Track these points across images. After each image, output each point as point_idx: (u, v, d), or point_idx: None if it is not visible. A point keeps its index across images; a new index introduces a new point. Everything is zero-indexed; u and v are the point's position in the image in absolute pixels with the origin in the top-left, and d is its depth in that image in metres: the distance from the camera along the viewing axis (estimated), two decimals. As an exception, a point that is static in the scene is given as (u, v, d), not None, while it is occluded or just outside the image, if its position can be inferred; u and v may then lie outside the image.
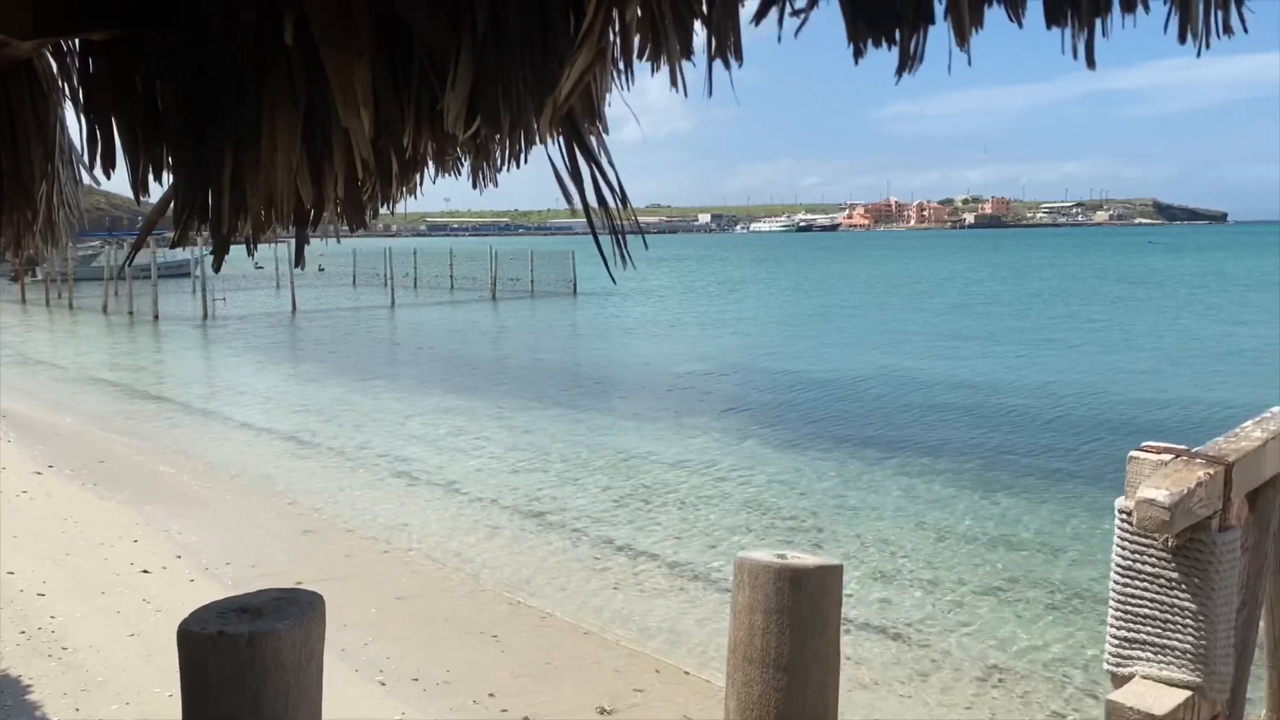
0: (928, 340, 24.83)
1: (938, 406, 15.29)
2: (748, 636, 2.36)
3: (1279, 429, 2.77)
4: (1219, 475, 2.44)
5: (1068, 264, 71.48)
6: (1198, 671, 2.46)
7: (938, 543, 8.71)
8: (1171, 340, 23.93)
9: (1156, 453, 2.58)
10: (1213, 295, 39.38)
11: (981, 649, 6.55)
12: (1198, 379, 17.57)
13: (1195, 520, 2.40)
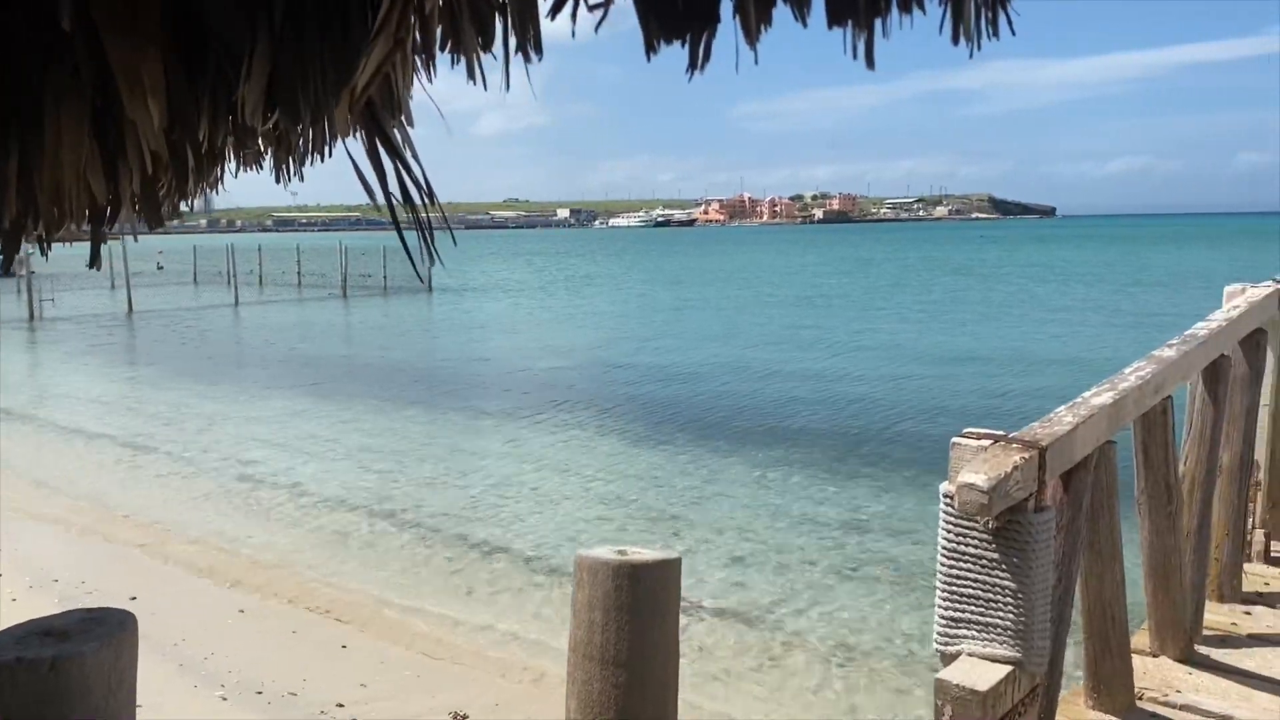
0: (777, 332, 25.45)
1: (788, 397, 15.68)
2: (587, 634, 2.35)
3: (1089, 413, 2.93)
4: (1033, 459, 2.56)
5: (908, 258, 74.41)
6: (1018, 647, 2.57)
7: (789, 529, 8.92)
8: (1000, 329, 25.20)
9: (977, 439, 2.69)
10: (1037, 285, 41.66)
11: (831, 630, 6.75)
12: (1026, 366, 18.56)
13: (1013, 502, 2.51)
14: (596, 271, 61.78)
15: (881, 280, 47.90)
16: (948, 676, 2.52)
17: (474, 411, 14.80)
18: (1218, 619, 4.19)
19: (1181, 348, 3.72)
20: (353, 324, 29.79)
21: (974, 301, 34.10)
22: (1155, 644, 3.84)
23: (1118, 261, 60.56)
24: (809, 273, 56.04)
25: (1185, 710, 3.43)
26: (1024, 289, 39.98)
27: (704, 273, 57.98)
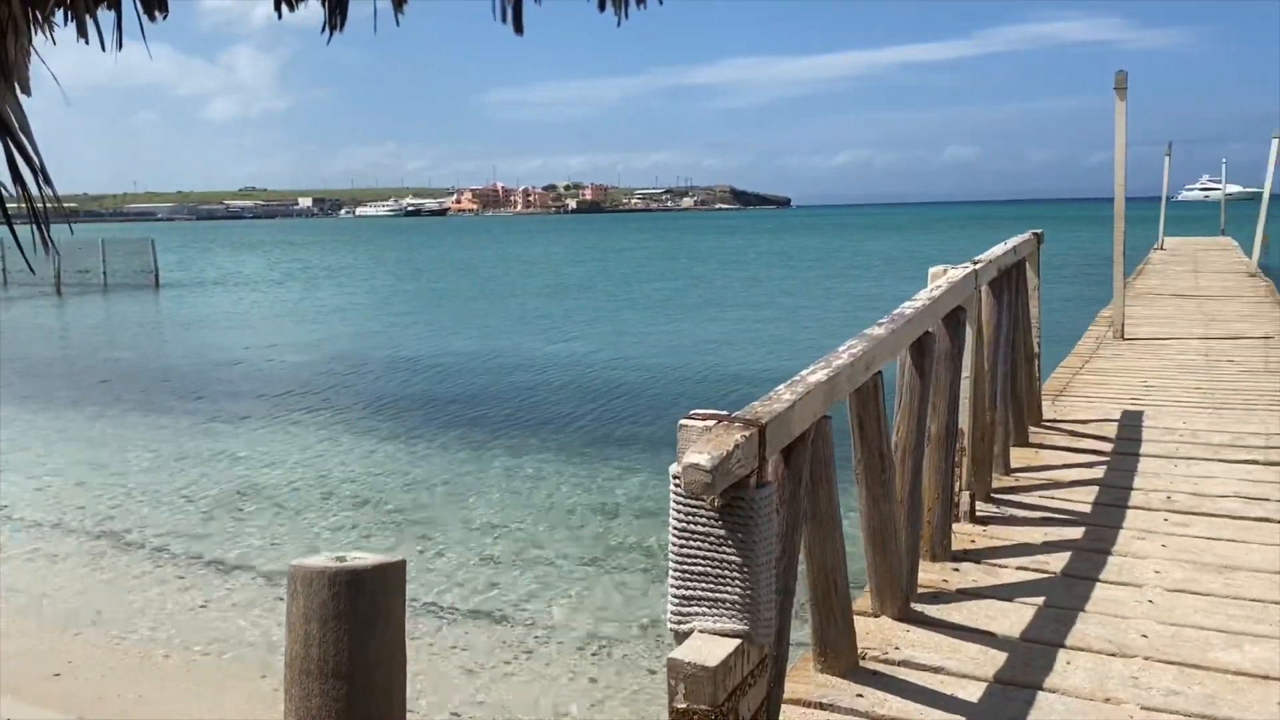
0: (526, 322, 25.47)
1: (538, 386, 15.71)
2: (304, 648, 2.19)
3: (806, 390, 3.04)
4: (754, 436, 2.62)
5: (655, 246, 76.44)
6: (745, 620, 2.63)
7: (542, 519, 8.91)
8: (739, 313, 26.37)
9: (703, 419, 2.73)
10: (772, 270, 43.93)
11: (583, 619, 6.78)
12: (761, 347, 19.51)
13: (735, 479, 2.56)
14: (341, 263, 59.49)
15: (628, 268, 48.94)
16: (679, 655, 2.55)
17: (205, 415, 13.86)
18: (931, 577, 4.52)
19: (890, 326, 3.96)
20: (68, 325, 27.19)
21: (715, 287, 35.49)
22: (876, 605, 4.08)
23: (844, 247, 64.80)
24: (560, 262, 56.46)
25: (903, 666, 3.67)
26: (760, 274, 42.00)
27: (455, 263, 57.14)
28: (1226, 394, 8.55)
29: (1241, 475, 6.16)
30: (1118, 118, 11.36)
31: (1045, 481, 6.16)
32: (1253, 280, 19.04)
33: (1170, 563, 4.72)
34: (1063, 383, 9.25)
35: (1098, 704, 3.37)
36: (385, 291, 37.71)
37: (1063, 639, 3.87)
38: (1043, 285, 8.10)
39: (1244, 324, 12.92)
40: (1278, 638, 3.87)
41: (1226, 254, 26.55)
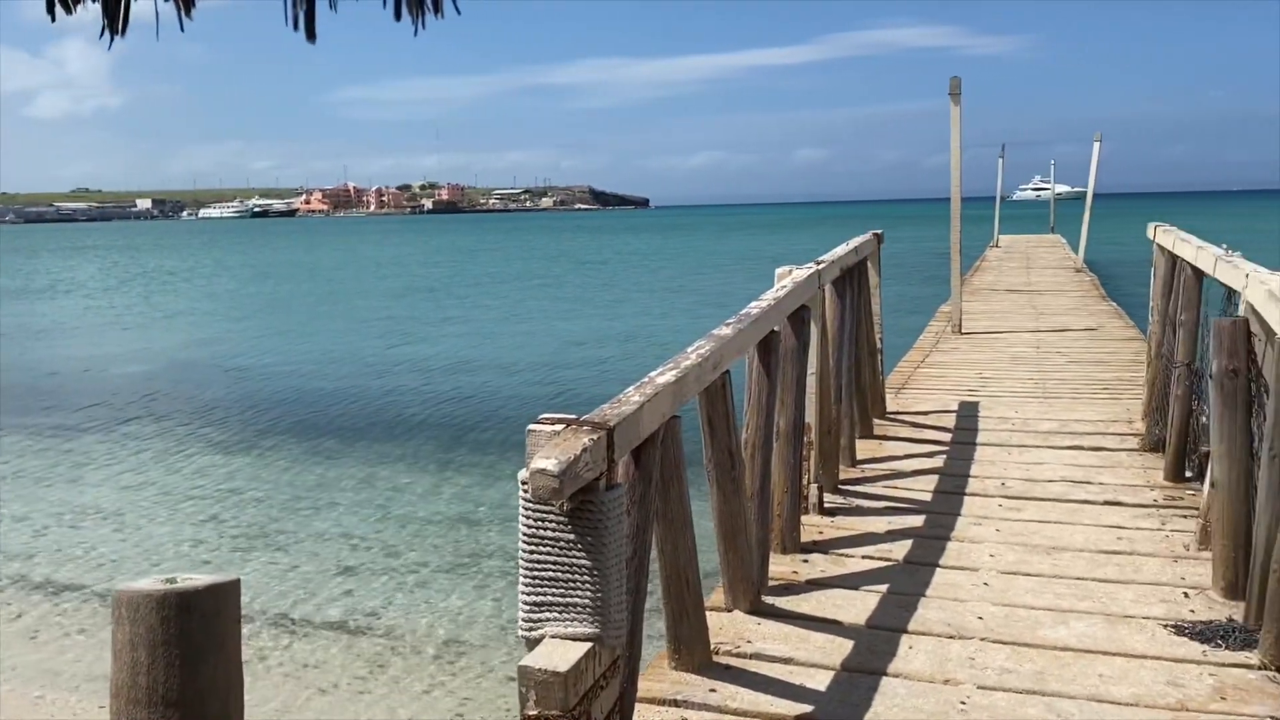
0: (380, 325, 24.93)
1: (392, 391, 15.39)
2: (131, 676, 2.08)
3: (654, 392, 3.07)
4: (602, 439, 2.63)
5: (512, 247, 75.97)
6: (597, 623, 2.64)
7: (400, 528, 8.73)
8: (599, 313, 26.49)
9: (551, 424, 2.73)
10: (631, 270, 44.28)
11: (443, 627, 6.68)
12: (621, 346, 19.64)
13: (584, 483, 2.56)
14: (183, 266, 56.88)
15: (485, 269, 48.47)
16: (530, 661, 2.54)
17: (36, 430, 13.02)
18: (781, 569, 4.64)
19: (737, 326, 4.04)
20: (-127, 337, 25.10)
21: (572, 287, 35.52)
22: (729, 600, 4.16)
23: (700, 247, 65.82)
24: (414, 263, 55.46)
25: (755, 658, 3.75)
26: (618, 274, 42.27)
27: (303, 266, 55.39)
28: (1055, 384, 9.07)
29: (1068, 460, 6.54)
30: (953, 122, 11.91)
31: (889, 472, 6.41)
32: (1079, 275, 20.26)
33: (1004, 546, 4.98)
34: (905, 376, 9.63)
35: (937, 685, 3.52)
36: (229, 296, 36.25)
37: (905, 624, 4.04)
38: (886, 282, 8.43)
39: (1070, 317, 13.74)
40: (1099, 613, 4.13)
41: (1056, 250, 28.18)
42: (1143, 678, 3.54)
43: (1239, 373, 4.45)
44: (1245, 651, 3.72)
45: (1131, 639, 3.87)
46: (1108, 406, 8.02)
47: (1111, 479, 6.10)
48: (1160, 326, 6.91)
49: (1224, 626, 3.91)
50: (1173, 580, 4.49)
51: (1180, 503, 5.59)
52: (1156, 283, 7.22)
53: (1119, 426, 7.35)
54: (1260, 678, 3.52)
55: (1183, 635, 3.90)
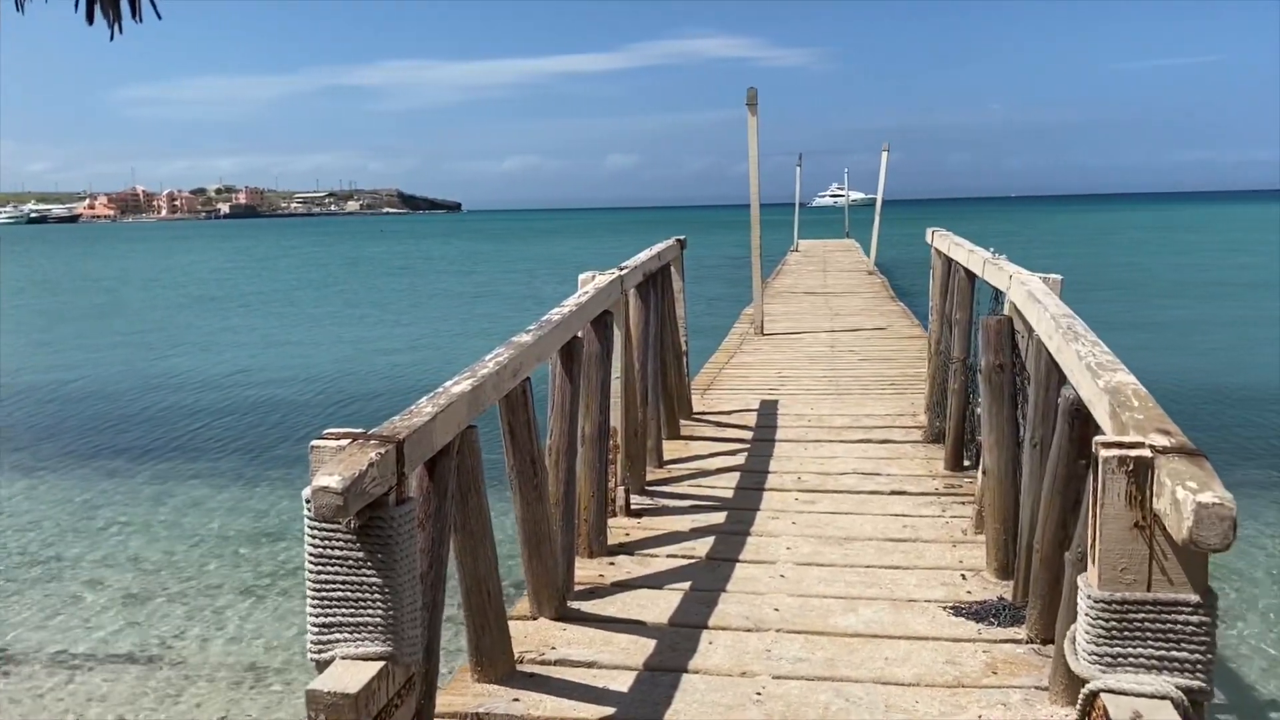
0: (167, 336, 23.58)
1: (184, 406, 14.56)
2: None
3: (449, 402, 3.02)
4: (390, 453, 2.57)
5: (316, 250, 73.44)
6: (389, 641, 2.58)
7: (193, 549, 8.26)
8: (408, 320, 25.94)
9: (336, 438, 2.64)
10: (437, 275, 43.59)
11: (240, 651, 6.36)
12: (430, 355, 19.30)
13: (372, 499, 2.49)
14: (-53, 277, 51.97)
15: (284, 275, 46.62)
16: (318, 685, 2.45)
17: None
18: (588, 574, 4.66)
19: (537, 332, 4.04)
20: None
21: (379, 293, 34.64)
22: (534, 608, 4.15)
23: (511, 251, 65.52)
24: (208, 270, 52.71)
25: (559, 664, 3.75)
26: (426, 280, 41.50)
27: (84, 274, 51.68)
28: (848, 381, 9.52)
29: (859, 454, 6.88)
30: (750, 131, 12.31)
31: (695, 471, 6.56)
32: (871, 277, 21.36)
33: (799, 538, 5.18)
34: (711, 377, 9.88)
35: (734, 679, 3.63)
36: (6, 309, 33.37)
37: (706, 620, 4.14)
38: (694, 286, 8.63)
39: (863, 317, 14.46)
40: (885, 599, 4.36)
41: (850, 254, 29.62)
42: (924, 658, 3.76)
43: (1005, 367, 4.80)
44: (1015, 628, 4.00)
45: (914, 622, 4.10)
46: (895, 401, 8.48)
47: (898, 470, 6.45)
48: (939, 325, 7.36)
49: (995, 605, 4.20)
50: (952, 564, 4.79)
51: (959, 490, 5.97)
52: (935, 284, 7.69)
53: (905, 420, 7.78)
54: (1027, 651, 3.80)
55: (960, 616, 4.16)
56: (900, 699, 3.45)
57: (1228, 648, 5.68)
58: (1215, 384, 13.83)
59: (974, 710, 3.35)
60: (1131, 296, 25.76)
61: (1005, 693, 3.47)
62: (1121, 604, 2.40)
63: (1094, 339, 3.52)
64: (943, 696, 3.46)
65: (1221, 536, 2.14)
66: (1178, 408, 10.86)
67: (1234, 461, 9.55)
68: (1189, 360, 15.98)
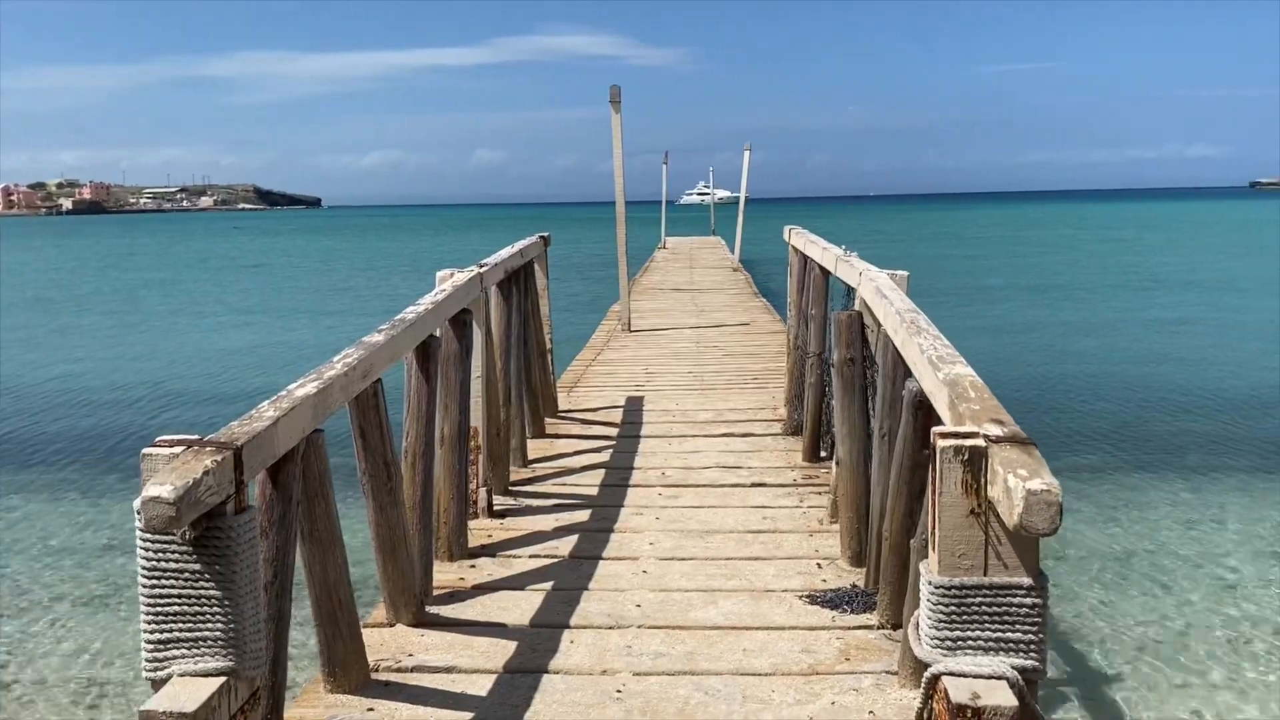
0: (16, 337, 22.19)
1: (19, 412, 13.72)
2: None
3: (292, 406, 2.91)
4: (228, 460, 2.46)
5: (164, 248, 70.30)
6: (231, 656, 2.47)
7: (30, 562, 7.79)
8: (257, 320, 25.08)
9: (169, 446, 2.51)
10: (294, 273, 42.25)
11: (80, 667, 6.02)
12: (281, 355, 18.70)
13: (207, 508, 2.38)
14: None
15: (126, 275, 44.42)
16: (153, 705, 2.33)
17: None
18: (447, 577, 4.58)
19: (390, 332, 3.94)
20: None
21: (227, 292, 33.37)
22: (391, 614, 4.05)
23: (372, 249, 64.08)
24: (37, 269, 49.77)
25: (416, 671, 3.67)
26: (280, 278, 40.21)
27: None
28: (712, 376, 9.65)
29: (721, 448, 6.98)
30: (614, 128, 12.35)
31: (560, 469, 6.53)
32: (735, 274, 21.72)
33: (662, 533, 5.22)
34: (578, 375, 9.87)
35: (595, 677, 3.62)
36: None
37: (568, 620, 4.12)
38: (564, 283, 8.61)
39: (727, 313, 14.70)
40: (744, 590, 4.43)
41: (716, 251, 30.08)
42: (781, 648, 3.83)
43: (855, 361, 4.93)
44: (867, 614, 4.12)
45: (772, 612, 4.18)
46: (756, 395, 8.64)
47: (759, 462, 6.57)
48: (796, 320, 7.53)
49: (849, 593, 4.32)
50: (808, 553, 4.90)
51: (816, 481, 6.11)
52: (792, 281, 7.87)
53: (766, 414, 7.93)
54: (879, 636, 3.92)
55: (815, 604, 4.26)
56: (757, 689, 3.50)
57: (1060, 626, 5.99)
58: (1049, 374, 14.60)
59: (828, 697, 3.44)
60: (974, 291, 26.96)
61: (857, 678, 3.57)
62: (960, 589, 2.49)
63: (936, 333, 3.65)
64: (798, 685, 3.54)
65: (1049, 521, 2.24)
66: (1016, 397, 11.35)
67: (1065, 448, 10.10)
68: (1027, 353, 16.82)
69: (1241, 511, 8.04)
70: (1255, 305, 22.73)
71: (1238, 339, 17.91)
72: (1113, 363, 15.61)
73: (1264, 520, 7.81)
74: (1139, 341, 17.89)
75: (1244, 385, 13.52)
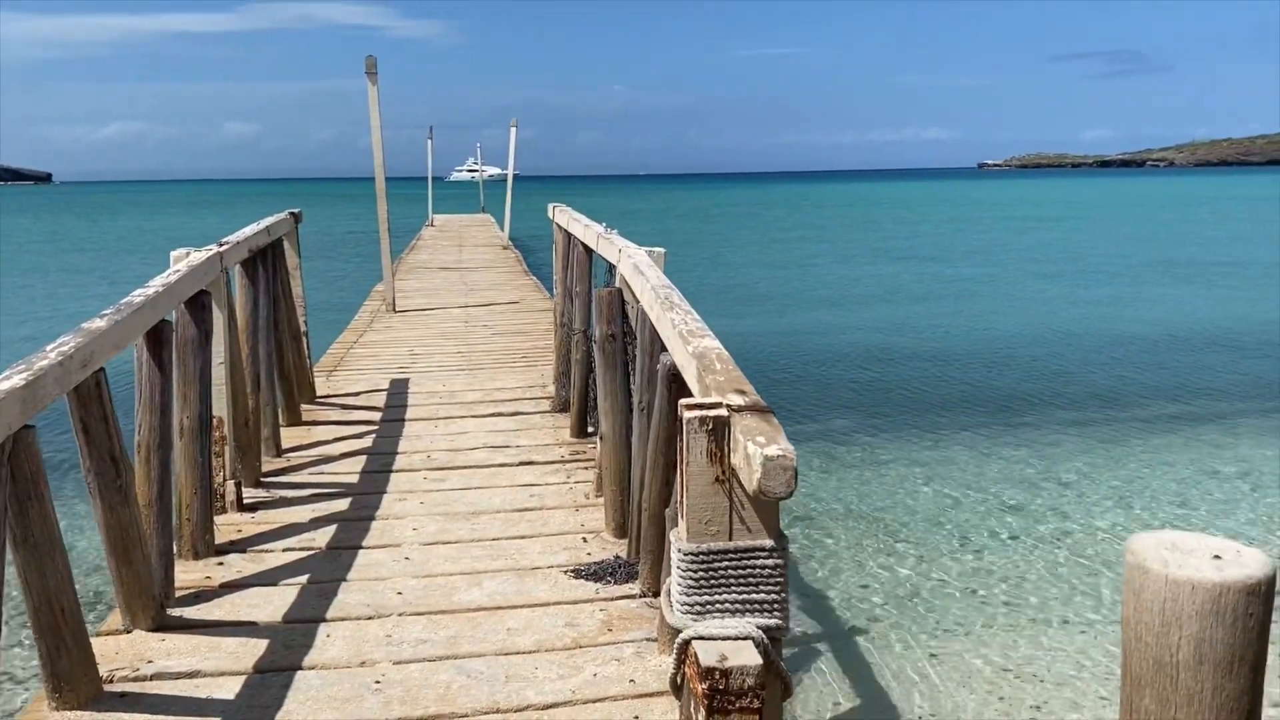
0: None
1: None
2: None
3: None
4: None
5: None
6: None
7: None
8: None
9: None
10: (14, 257, 38.53)
11: None
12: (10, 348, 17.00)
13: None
14: None
15: None
16: None
17: None
18: (192, 577, 4.30)
19: (114, 317, 3.63)
20: None
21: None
22: (127, 620, 3.76)
23: (109, 228, 59.21)
24: None
25: (155, 679, 3.42)
26: (4, 263, 36.53)
27: None
28: (480, 355, 9.54)
29: (489, 428, 6.91)
30: (371, 101, 11.94)
31: (318, 458, 6.27)
32: (505, 252, 21.57)
33: (426, 518, 5.11)
34: (338, 358, 9.51)
35: (353, 670, 3.50)
36: None
37: (324, 613, 3.96)
38: (322, 262, 8.24)
39: (496, 291, 14.57)
40: (510, 570, 4.40)
41: (486, 229, 29.74)
42: (545, 624, 3.84)
43: (616, 337, 5.00)
44: (630, 584, 4.20)
45: (537, 589, 4.18)
46: (526, 374, 8.62)
47: (527, 441, 6.56)
48: (562, 298, 7.55)
49: (612, 564, 4.39)
50: (574, 528, 4.93)
51: (584, 456, 6.17)
52: (557, 258, 7.88)
53: (535, 391, 7.92)
54: (640, 605, 4.00)
55: (580, 578, 4.30)
56: (520, 667, 3.49)
57: (811, 584, 6.35)
58: (799, 344, 15.41)
59: (590, 669, 3.47)
60: (729, 266, 28.03)
61: (619, 648, 3.63)
62: (708, 554, 2.57)
63: (688, 308, 3.74)
64: (561, 659, 3.55)
65: (785, 485, 2.34)
66: (765, 368, 11.84)
67: (819, 414, 10.70)
68: (780, 323, 17.68)
69: (973, 467, 8.77)
70: (971, 274, 24.84)
71: (967, 306, 19.51)
72: (857, 331, 16.63)
73: (987, 474, 8.56)
74: (877, 311, 19.13)
75: (969, 348, 14.76)
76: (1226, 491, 8.04)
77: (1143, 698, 1.82)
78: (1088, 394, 11.66)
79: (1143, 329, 16.39)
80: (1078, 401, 11.28)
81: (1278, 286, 21.84)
